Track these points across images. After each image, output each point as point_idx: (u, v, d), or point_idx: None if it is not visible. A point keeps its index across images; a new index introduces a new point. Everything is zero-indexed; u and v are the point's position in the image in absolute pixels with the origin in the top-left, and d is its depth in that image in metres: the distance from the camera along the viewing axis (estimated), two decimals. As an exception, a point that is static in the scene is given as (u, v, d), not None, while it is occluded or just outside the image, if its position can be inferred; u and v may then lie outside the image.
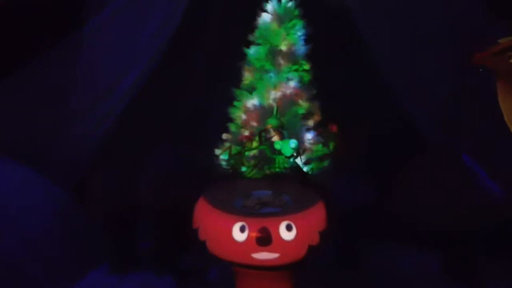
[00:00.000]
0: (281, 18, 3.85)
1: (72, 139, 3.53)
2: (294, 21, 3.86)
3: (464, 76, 3.47)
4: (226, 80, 3.94)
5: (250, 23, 3.90)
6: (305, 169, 3.69)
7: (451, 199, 3.25)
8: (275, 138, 3.73)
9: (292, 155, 3.65)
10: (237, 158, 3.69)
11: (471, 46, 3.29)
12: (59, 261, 2.96)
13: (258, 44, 3.89)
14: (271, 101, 3.82)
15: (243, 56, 3.91)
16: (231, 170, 3.67)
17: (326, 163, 3.76)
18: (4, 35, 3.60)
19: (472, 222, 3.15)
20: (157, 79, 3.82)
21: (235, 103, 3.92)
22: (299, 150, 3.72)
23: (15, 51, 3.56)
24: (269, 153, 3.69)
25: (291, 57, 3.84)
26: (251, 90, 3.90)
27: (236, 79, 3.94)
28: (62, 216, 3.15)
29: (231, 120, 3.94)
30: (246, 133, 3.78)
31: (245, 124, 3.85)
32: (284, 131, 3.75)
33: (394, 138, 3.74)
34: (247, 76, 3.92)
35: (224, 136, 3.91)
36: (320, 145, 3.83)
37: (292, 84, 3.83)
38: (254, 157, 3.70)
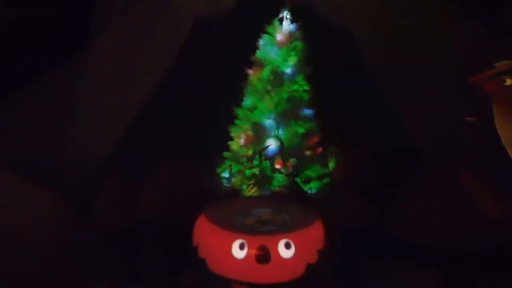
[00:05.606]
0: (283, 40, 3.94)
1: (77, 156, 3.59)
2: (295, 43, 3.95)
3: (463, 96, 3.51)
4: (228, 100, 4.00)
5: (252, 45, 3.99)
6: (304, 187, 3.73)
7: (451, 218, 3.26)
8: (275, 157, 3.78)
9: (291, 174, 3.69)
10: (237, 176, 3.73)
11: (471, 67, 3.35)
12: (62, 275, 2.97)
13: (260, 65, 3.97)
14: (271, 121, 3.89)
15: (245, 76, 4.00)
16: (231, 188, 3.71)
17: (325, 181, 3.80)
18: (12, 53, 3.70)
19: (472, 242, 3.15)
20: (159, 98, 3.88)
21: (236, 122, 3.98)
22: (298, 169, 3.76)
23: (20, 70, 3.64)
24: (269, 172, 3.73)
25: (291, 78, 3.92)
26: (252, 109, 3.96)
27: (237, 98, 4.00)
28: (66, 231, 3.18)
29: (232, 139, 4.00)
30: (247, 152, 3.84)
31: (245, 143, 3.91)
32: (284, 150, 3.79)
33: (394, 157, 3.77)
34: (249, 96, 3.99)
35: (225, 154, 3.98)
36: (319, 164, 3.88)
37: (292, 104, 3.90)
38: (254, 175, 3.74)
